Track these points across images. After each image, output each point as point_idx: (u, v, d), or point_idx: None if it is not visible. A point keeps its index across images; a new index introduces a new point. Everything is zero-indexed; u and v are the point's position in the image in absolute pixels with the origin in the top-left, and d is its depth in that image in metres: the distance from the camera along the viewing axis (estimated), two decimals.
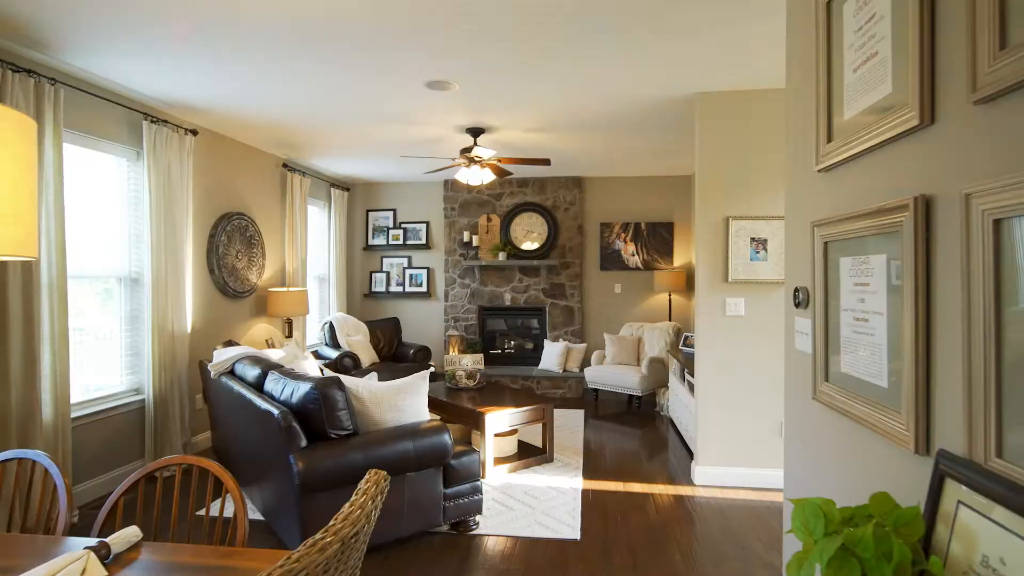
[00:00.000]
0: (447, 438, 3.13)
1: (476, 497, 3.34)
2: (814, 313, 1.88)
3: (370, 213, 7.97)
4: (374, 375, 3.46)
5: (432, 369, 3.23)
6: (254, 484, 3.44)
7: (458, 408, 4.46)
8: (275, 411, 2.86)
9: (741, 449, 4.06)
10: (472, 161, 4.97)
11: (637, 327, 7.00)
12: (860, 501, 1.59)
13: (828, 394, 1.79)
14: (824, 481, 1.83)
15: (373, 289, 7.96)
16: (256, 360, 3.75)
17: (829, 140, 1.81)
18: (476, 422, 4.29)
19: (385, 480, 1.24)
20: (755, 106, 3.99)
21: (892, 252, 1.43)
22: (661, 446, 5.11)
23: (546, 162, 5.12)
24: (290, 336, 5.88)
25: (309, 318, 6.99)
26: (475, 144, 5.01)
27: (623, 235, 7.46)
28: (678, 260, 7.40)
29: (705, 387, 4.11)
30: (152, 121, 4.21)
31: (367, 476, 1.24)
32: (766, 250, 3.99)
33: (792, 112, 2.13)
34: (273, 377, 3.25)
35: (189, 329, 4.64)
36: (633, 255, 7.44)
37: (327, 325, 6.75)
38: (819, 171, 1.87)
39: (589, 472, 4.40)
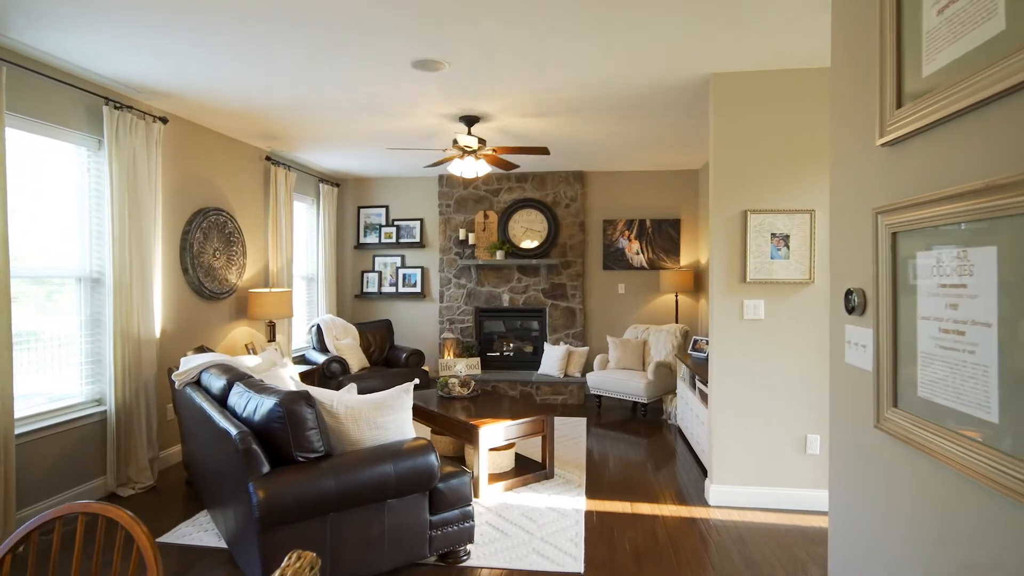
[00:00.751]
0: (433, 459, 2.77)
1: (467, 524, 2.97)
2: (877, 321, 1.52)
3: (361, 210, 7.60)
4: (353, 387, 3.10)
5: (416, 382, 2.85)
6: (219, 508, 3.08)
7: (450, 420, 4.09)
8: (233, 431, 2.49)
9: (761, 466, 3.69)
10: (466, 152, 4.60)
11: (642, 329, 6.63)
12: (944, 555, 1.23)
13: (898, 423, 1.42)
14: (890, 526, 1.46)
15: (365, 290, 7.59)
16: (224, 369, 3.39)
17: (898, 106, 1.44)
18: (469, 436, 3.92)
19: (314, 566, 0.87)
20: (776, 88, 3.62)
21: (1012, 243, 1.06)
22: (670, 459, 4.73)
23: (544, 151, 4.75)
24: (272, 340, 5.52)
25: (295, 320, 6.63)
26: (469, 133, 4.65)
27: (627, 233, 7.09)
28: (685, 259, 7.02)
29: (720, 398, 3.74)
30: (115, 107, 3.85)
31: (288, 557, 0.88)
32: (788, 247, 3.62)
33: (841, 80, 1.76)
34: (237, 390, 2.88)
35: (158, 333, 4.27)
36: (638, 254, 7.07)
37: (314, 328, 6.39)
38: (883, 145, 1.49)
39: (593, 490, 4.03)
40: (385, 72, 3.65)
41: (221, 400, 3.07)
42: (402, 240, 7.49)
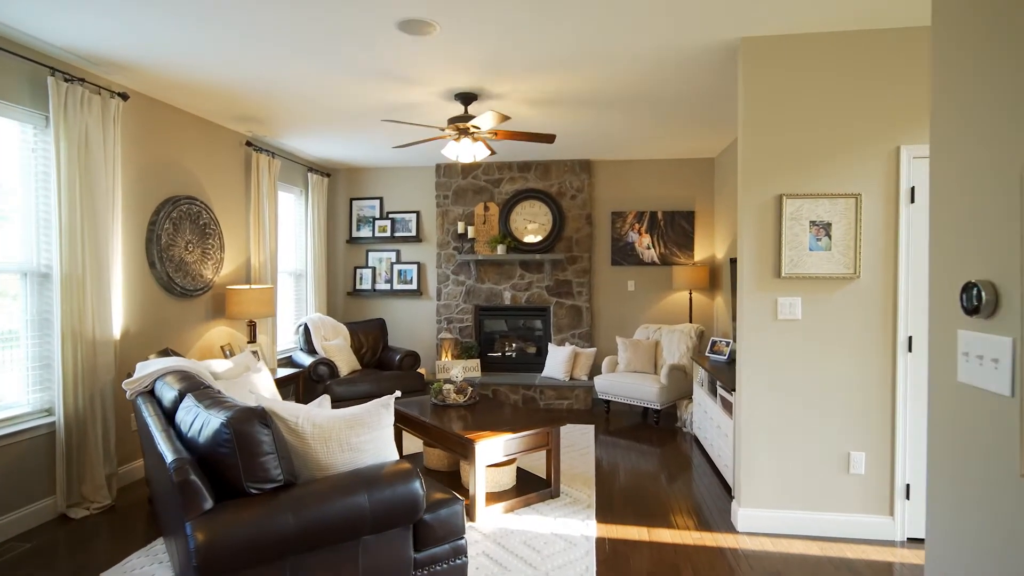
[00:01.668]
0: (417, 487, 2.31)
1: (458, 561, 2.52)
2: None
3: (354, 202, 7.15)
4: (325, 399, 2.65)
5: (398, 395, 2.39)
6: (171, 537, 2.63)
7: (443, 432, 3.64)
8: (169, 457, 2.04)
9: (796, 488, 3.23)
10: (462, 132, 4.14)
11: (654, 329, 6.17)
12: None
13: None
14: None
15: (358, 287, 7.14)
16: (181, 377, 2.94)
17: None
18: (464, 451, 3.47)
19: None
20: (815, 54, 3.15)
21: None
22: (687, 473, 4.28)
23: (550, 139, 4.29)
24: (252, 341, 5.07)
25: (282, 320, 6.19)
26: (466, 111, 4.19)
27: (637, 226, 6.62)
28: (700, 254, 6.55)
29: (750, 409, 3.28)
30: (65, 79, 3.40)
31: None
32: (829, 237, 3.16)
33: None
34: (186, 404, 2.43)
35: (117, 334, 3.83)
36: (649, 248, 6.60)
37: (301, 328, 5.95)
38: None
39: (604, 511, 3.57)
40: (369, 36, 3.20)
41: (170, 415, 2.63)
42: (397, 234, 7.03)
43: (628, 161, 6.64)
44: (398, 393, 2.50)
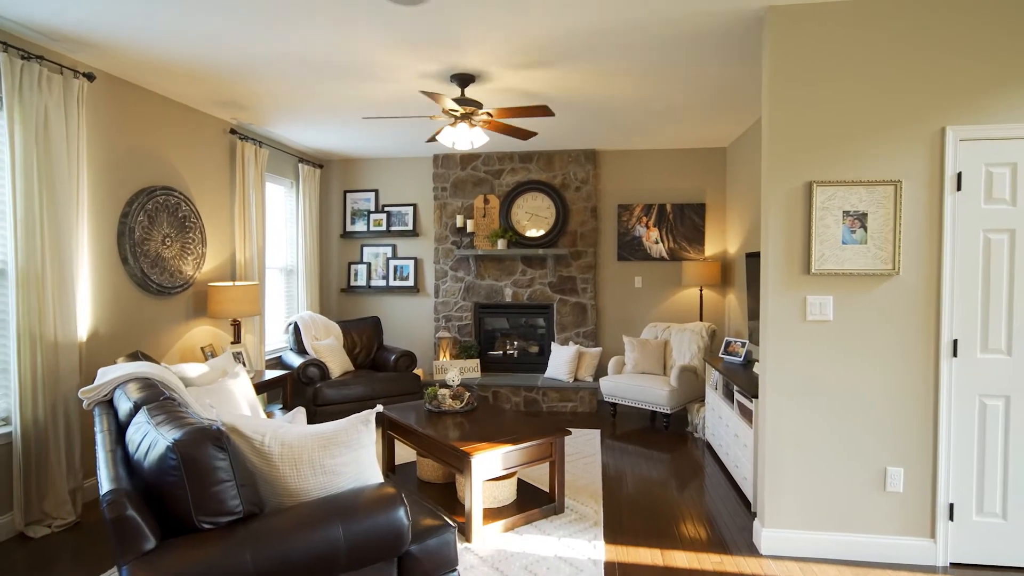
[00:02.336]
0: (401, 516, 2.01)
1: None
2: None
3: (348, 194, 6.83)
4: (300, 412, 2.35)
5: (379, 410, 2.08)
6: None
7: (437, 443, 3.33)
8: (105, 486, 1.74)
9: (827, 507, 2.92)
10: (458, 117, 3.82)
11: (663, 328, 5.86)
12: None
13: None
14: None
15: (352, 283, 6.83)
16: (144, 385, 2.63)
17: None
18: (460, 464, 3.17)
19: None
20: (852, 24, 2.82)
21: None
22: (702, 485, 3.97)
23: (545, 111, 3.96)
24: (237, 341, 4.77)
25: (271, 318, 5.89)
26: (463, 95, 3.87)
27: (645, 219, 6.30)
28: (711, 249, 6.23)
29: (776, 419, 2.96)
30: (22, 56, 3.10)
31: None
32: (865, 228, 2.83)
33: None
34: (139, 419, 2.12)
35: (83, 336, 3.53)
36: (657, 243, 6.28)
37: (291, 327, 5.65)
38: None
39: (613, 530, 3.27)
40: (353, 4, 2.88)
41: (123, 431, 2.33)
42: (393, 228, 6.72)
43: (635, 151, 6.31)
44: (379, 408, 2.19)
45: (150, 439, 1.89)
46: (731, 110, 4.72)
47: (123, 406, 2.45)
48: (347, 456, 2.06)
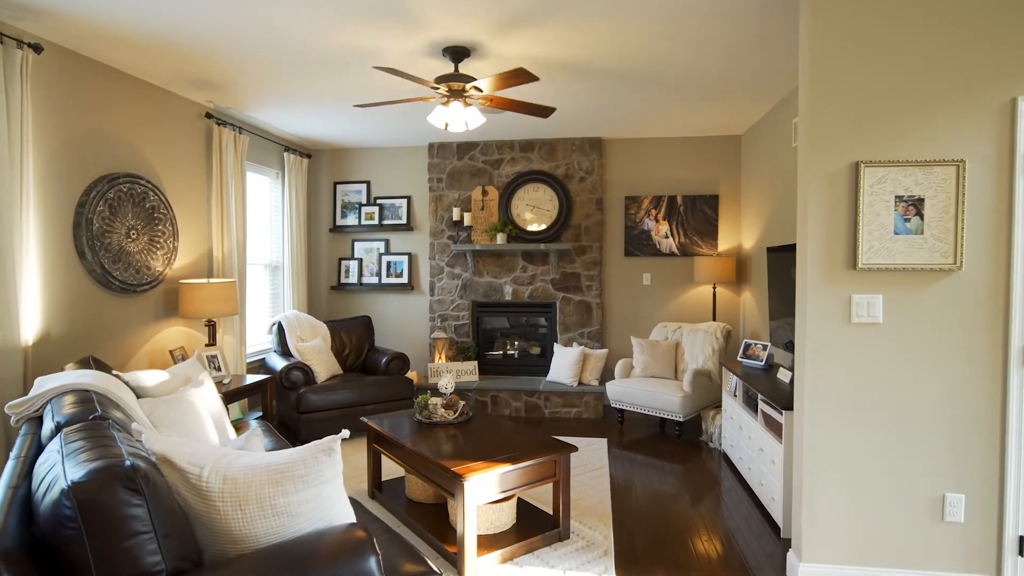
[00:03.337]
0: (372, 567, 1.61)
1: None
2: None
3: (338, 186, 6.44)
4: (256, 433, 1.97)
5: (345, 435, 1.67)
6: None
7: (425, 461, 2.95)
8: None
9: (876, 538, 2.53)
10: (452, 94, 3.42)
11: (673, 328, 5.46)
12: None
13: None
14: None
15: (342, 280, 6.44)
16: (81, 399, 2.25)
17: None
18: (451, 486, 2.78)
19: None
20: None
21: None
22: (721, 503, 3.58)
23: (546, 112, 3.58)
24: (212, 344, 4.38)
25: (255, 318, 5.51)
26: (456, 70, 3.47)
27: (654, 212, 5.90)
28: (724, 243, 5.83)
29: (815, 435, 2.57)
30: None
31: None
32: (920, 216, 2.44)
33: None
34: (53, 447, 1.73)
35: (30, 339, 3.14)
36: (667, 237, 5.88)
37: (275, 327, 5.26)
38: None
39: (625, 559, 2.88)
40: None
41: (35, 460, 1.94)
42: (386, 222, 6.32)
43: (643, 139, 5.91)
44: (346, 433, 1.79)
45: (52, 476, 1.50)
46: (746, 93, 4.31)
47: (47, 426, 2.06)
48: (304, 493, 1.67)
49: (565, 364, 5.71)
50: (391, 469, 4.13)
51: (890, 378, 2.49)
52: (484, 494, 2.74)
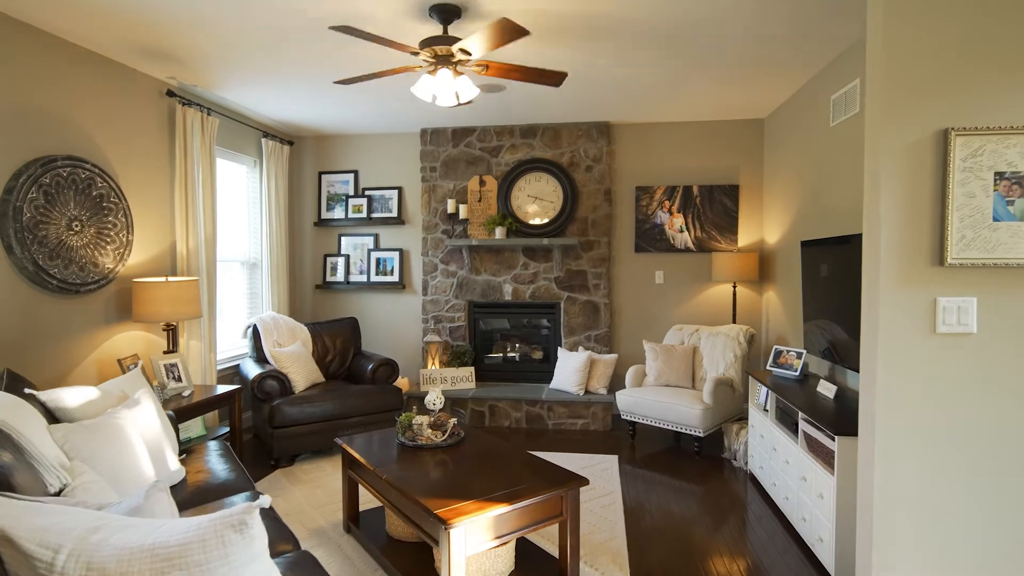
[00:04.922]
0: None
1: None
2: None
3: (323, 176, 5.93)
4: (160, 492, 1.46)
5: (265, 503, 1.11)
6: None
7: (405, 497, 2.44)
8: None
9: None
10: (439, 60, 2.91)
11: (690, 332, 4.95)
12: None
13: None
14: None
15: (328, 279, 5.94)
16: None
17: None
18: (433, 531, 2.27)
19: None
20: None
21: None
22: (752, 536, 3.07)
23: (557, 79, 3.07)
24: (172, 351, 3.88)
25: (227, 321, 5.01)
26: (445, 32, 2.96)
27: (667, 204, 5.38)
28: (745, 238, 5.31)
29: (888, 470, 2.06)
30: None
31: None
32: None
33: None
34: None
35: None
36: (681, 231, 5.37)
37: (250, 330, 4.76)
38: None
39: None
40: None
41: None
42: (375, 215, 5.82)
43: (656, 124, 5.39)
44: (266, 500, 1.29)
45: None
46: (776, 63, 3.79)
47: None
48: None
49: (570, 370, 5.20)
50: (369, 500, 3.62)
51: (987, 401, 1.98)
52: (474, 542, 2.23)
